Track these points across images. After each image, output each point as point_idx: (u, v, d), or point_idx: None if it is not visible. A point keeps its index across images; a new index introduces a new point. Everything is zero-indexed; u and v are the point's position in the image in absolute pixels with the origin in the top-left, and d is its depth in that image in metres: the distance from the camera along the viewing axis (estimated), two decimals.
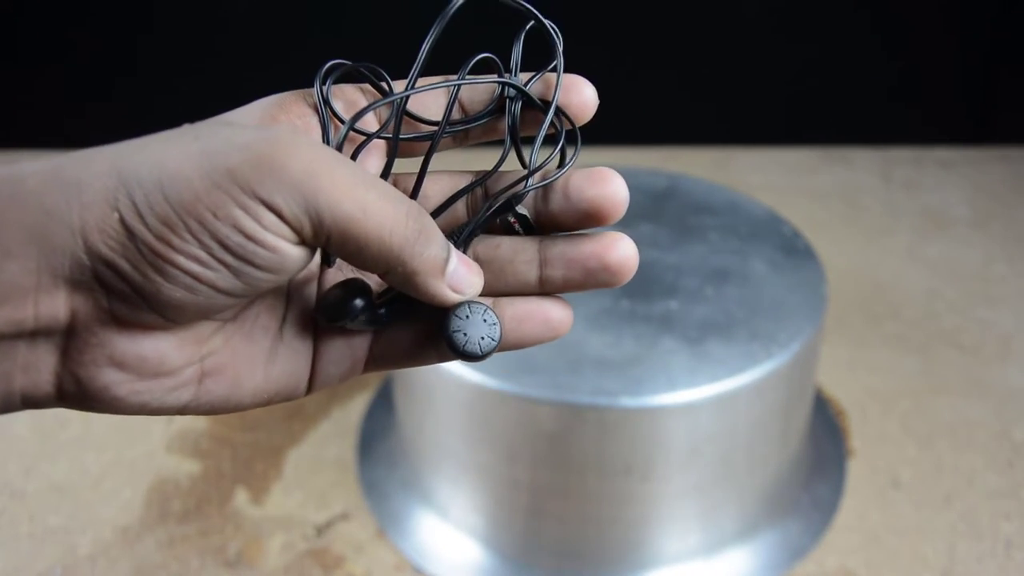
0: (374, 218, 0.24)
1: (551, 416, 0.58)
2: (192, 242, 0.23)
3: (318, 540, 0.70)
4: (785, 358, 0.60)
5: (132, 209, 0.23)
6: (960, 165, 1.22)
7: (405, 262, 0.25)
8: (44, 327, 0.24)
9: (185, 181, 0.23)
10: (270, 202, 0.23)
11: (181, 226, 0.23)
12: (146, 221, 0.23)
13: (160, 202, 0.23)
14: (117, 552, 0.69)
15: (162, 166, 0.24)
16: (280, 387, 0.28)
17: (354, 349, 0.29)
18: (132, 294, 0.24)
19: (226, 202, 0.23)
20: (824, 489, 0.73)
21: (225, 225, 0.23)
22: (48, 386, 0.25)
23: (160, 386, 0.26)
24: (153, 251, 0.23)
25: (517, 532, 0.65)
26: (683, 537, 0.64)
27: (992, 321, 0.93)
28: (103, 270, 0.24)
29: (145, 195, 0.23)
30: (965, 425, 0.80)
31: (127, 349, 0.25)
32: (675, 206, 0.76)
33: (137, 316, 0.25)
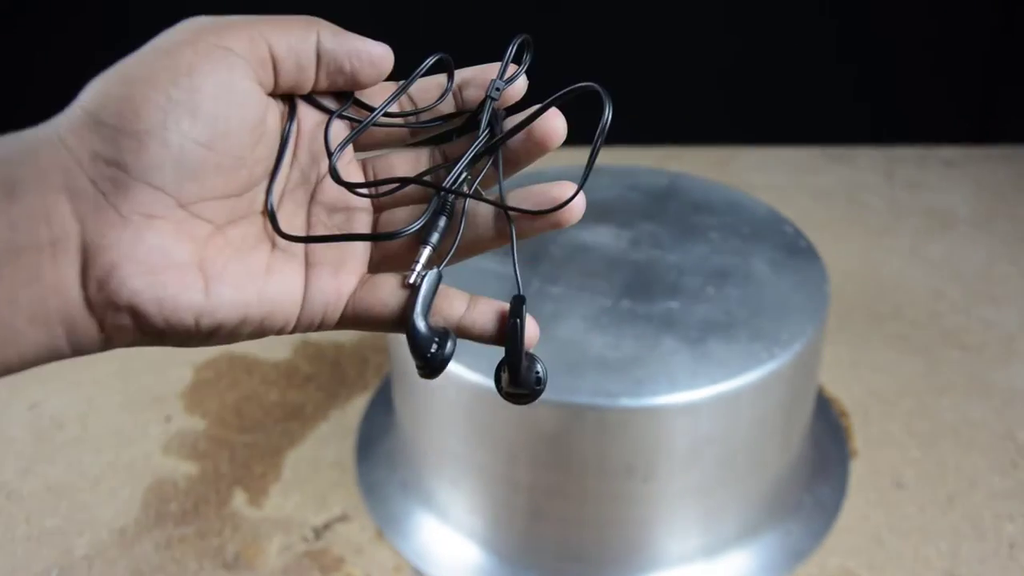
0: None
1: (551, 417, 0.58)
2: (153, 102, 0.28)
3: (317, 542, 0.69)
4: (787, 358, 0.59)
5: (89, 104, 0.28)
6: (964, 164, 1.22)
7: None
8: (59, 237, 0.27)
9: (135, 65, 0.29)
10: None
11: (137, 98, 0.28)
12: (104, 106, 0.28)
13: (112, 88, 0.28)
14: (114, 554, 0.68)
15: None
16: (274, 307, 0.31)
17: (339, 284, 0.32)
18: (120, 173, 0.28)
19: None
20: (826, 490, 0.72)
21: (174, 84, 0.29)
22: (77, 299, 0.28)
23: (170, 280, 0.29)
24: (118, 124, 0.28)
25: (517, 534, 0.65)
26: (684, 539, 0.64)
27: (995, 321, 0.92)
28: (88, 164, 0.28)
29: (96, 94, 0.28)
30: (968, 426, 0.79)
31: (134, 243, 0.28)
32: (676, 205, 0.75)
33: (133, 201, 0.28)
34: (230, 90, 0.29)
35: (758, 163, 1.23)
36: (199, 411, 0.82)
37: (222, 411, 0.82)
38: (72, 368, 0.86)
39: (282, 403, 0.82)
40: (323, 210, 0.33)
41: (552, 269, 0.67)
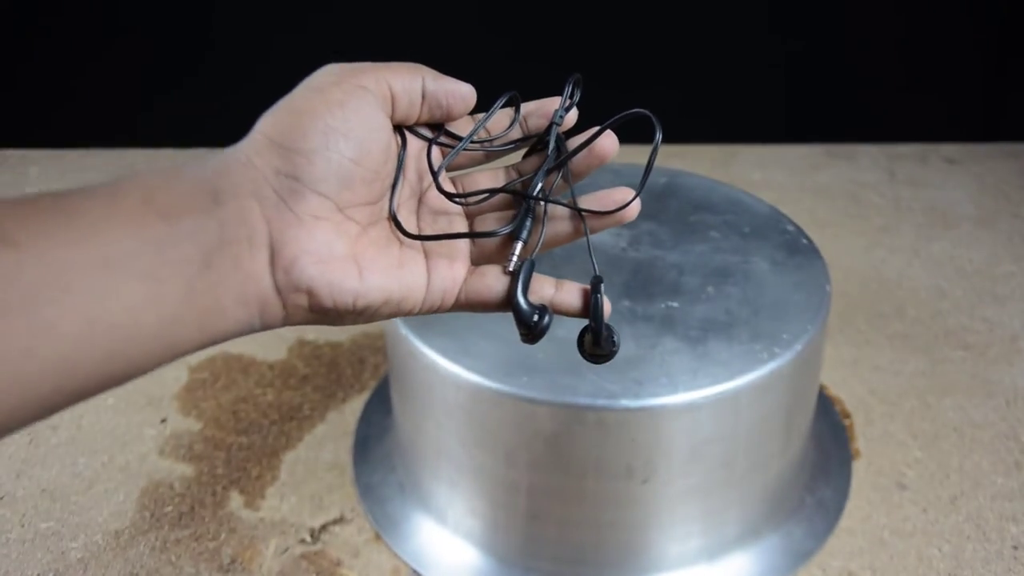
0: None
1: (550, 417, 0.57)
2: (314, 131, 0.36)
3: (314, 544, 0.69)
4: (788, 358, 0.59)
5: (267, 131, 0.36)
6: (966, 162, 1.21)
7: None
8: (253, 235, 0.35)
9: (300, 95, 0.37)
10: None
11: (304, 125, 0.36)
12: (280, 132, 0.36)
13: (284, 118, 0.37)
14: (109, 557, 0.68)
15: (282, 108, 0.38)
16: (408, 291, 0.39)
17: (454, 273, 0.41)
18: (295, 183, 0.36)
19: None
20: (828, 491, 0.71)
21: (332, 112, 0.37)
22: (268, 283, 0.35)
23: (334, 268, 0.37)
24: (292, 146, 0.36)
25: (515, 536, 0.64)
26: (684, 541, 0.63)
27: (998, 320, 0.91)
28: (271, 177, 0.36)
29: (271, 123, 0.37)
30: (971, 426, 0.78)
31: (308, 239, 0.36)
32: (676, 204, 0.75)
33: (306, 205, 0.36)
34: (370, 119, 0.38)
35: (759, 161, 1.22)
36: (194, 412, 0.81)
37: (218, 412, 0.81)
38: None
39: (278, 404, 0.82)
40: (428, 215, 0.41)
41: (552, 269, 0.66)
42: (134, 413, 0.81)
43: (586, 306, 0.41)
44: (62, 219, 0.32)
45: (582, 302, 0.41)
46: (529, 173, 0.42)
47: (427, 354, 0.60)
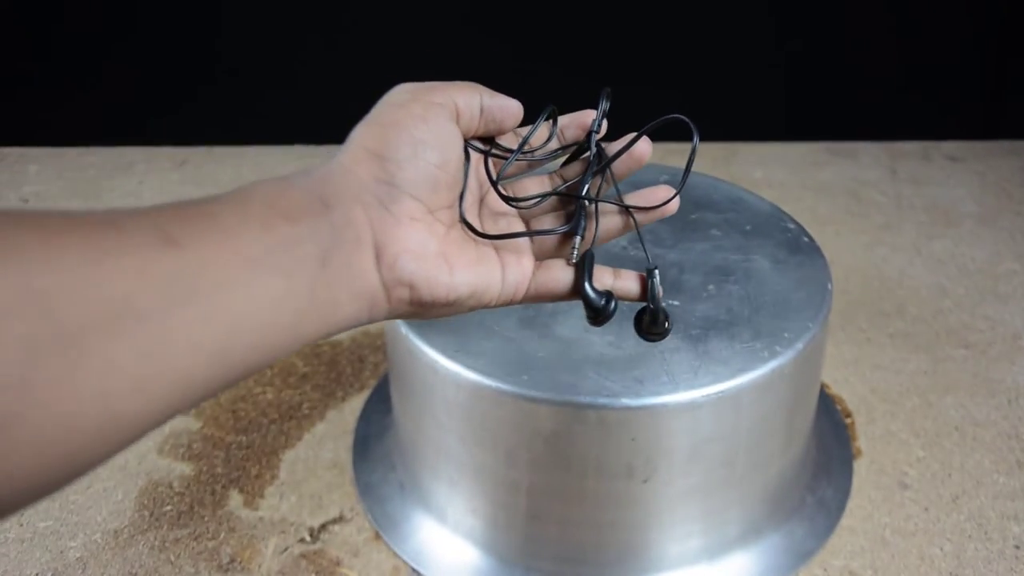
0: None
1: (551, 416, 0.57)
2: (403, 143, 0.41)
3: (313, 543, 0.68)
4: (789, 357, 0.59)
5: (363, 143, 0.41)
6: (968, 159, 1.21)
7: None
8: (359, 235, 0.39)
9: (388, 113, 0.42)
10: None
11: (396, 137, 0.41)
12: (376, 143, 0.41)
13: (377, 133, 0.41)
14: (108, 556, 0.67)
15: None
16: (488, 285, 0.43)
17: (523, 268, 0.45)
18: (392, 189, 0.40)
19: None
20: (829, 490, 0.71)
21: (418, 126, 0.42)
22: (375, 279, 0.40)
23: (430, 264, 0.41)
24: (387, 155, 0.41)
25: (516, 535, 0.64)
26: (685, 540, 0.63)
27: (1000, 319, 0.91)
28: (371, 184, 0.40)
29: (366, 136, 0.41)
30: (973, 425, 0.78)
31: (406, 238, 0.40)
32: None
33: (403, 208, 0.41)
34: (447, 131, 0.42)
35: (760, 159, 1.22)
36: (193, 411, 0.81)
37: (217, 411, 0.81)
38: None
39: (278, 403, 0.82)
40: (490, 218, 0.46)
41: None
42: None
43: (644, 290, 0.46)
44: (208, 222, 0.35)
45: (640, 287, 0.46)
46: (572, 178, 0.48)
47: (427, 353, 0.59)
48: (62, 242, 0.30)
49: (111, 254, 0.31)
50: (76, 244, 0.31)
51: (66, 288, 0.30)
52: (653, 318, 0.46)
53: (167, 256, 0.32)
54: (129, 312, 0.31)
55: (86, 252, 0.31)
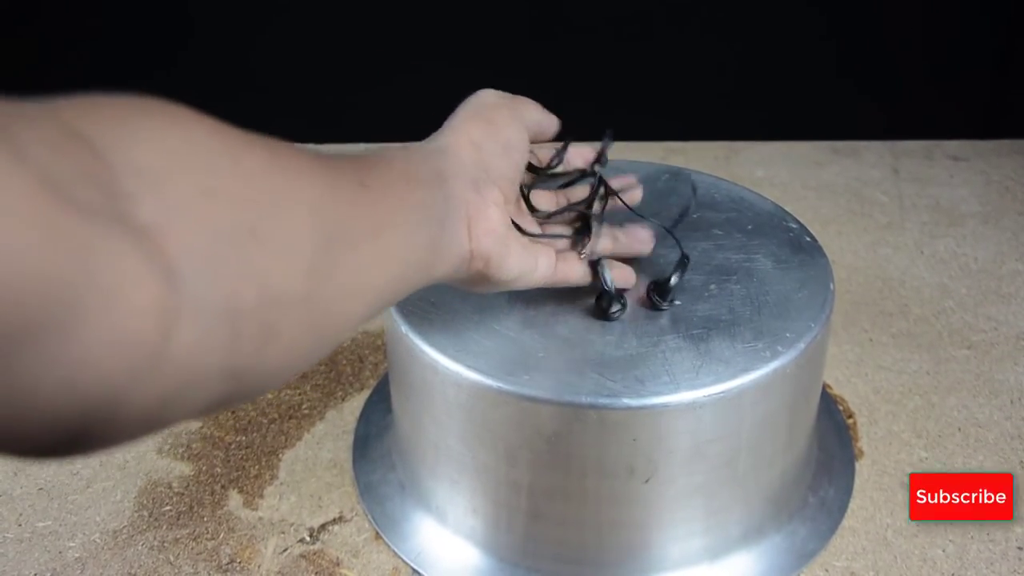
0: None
1: (551, 416, 0.57)
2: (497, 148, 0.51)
3: (313, 543, 0.68)
4: (791, 357, 0.58)
5: (469, 134, 0.50)
6: (972, 159, 1.20)
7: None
8: (458, 208, 0.48)
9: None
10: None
11: (495, 133, 0.51)
12: (479, 136, 0.51)
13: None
14: (107, 556, 0.67)
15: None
16: (529, 269, 0.53)
17: (550, 258, 0.55)
18: (485, 174, 0.50)
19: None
20: (831, 491, 0.71)
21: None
22: (466, 248, 0.48)
23: (501, 244, 0.50)
24: (487, 147, 0.50)
25: (516, 535, 0.64)
26: (686, 541, 0.63)
27: (1003, 319, 0.91)
28: (471, 167, 0.49)
29: (471, 128, 0.51)
30: (976, 426, 0.78)
31: (488, 218, 0.49)
32: (678, 201, 0.74)
33: (489, 193, 0.50)
34: (524, 138, 0.53)
35: (762, 158, 1.21)
36: None
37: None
38: None
39: (277, 403, 0.81)
40: (522, 217, 0.55)
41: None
42: None
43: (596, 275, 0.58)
44: (385, 171, 0.42)
45: (585, 273, 0.59)
46: (577, 198, 0.61)
47: (427, 352, 0.59)
48: (305, 162, 0.37)
49: (336, 185, 0.38)
50: (315, 168, 0.37)
51: (328, 207, 0.37)
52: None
53: (364, 196, 0.40)
54: (350, 233, 0.38)
55: (325, 179, 0.38)
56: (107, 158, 0.27)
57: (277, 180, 0.34)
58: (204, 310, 0.29)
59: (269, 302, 0.32)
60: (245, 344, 0.32)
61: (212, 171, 0.31)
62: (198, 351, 0.29)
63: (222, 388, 0.32)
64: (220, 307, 0.30)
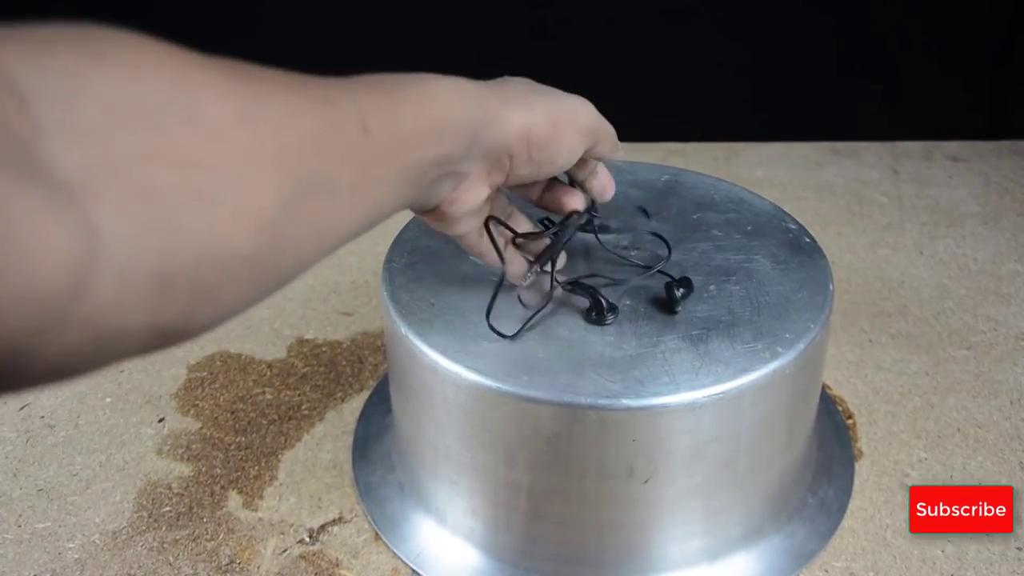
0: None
1: (551, 417, 0.57)
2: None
3: (313, 544, 0.68)
4: (790, 357, 0.58)
5: (528, 130, 0.50)
6: (971, 159, 1.20)
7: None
8: (464, 176, 0.50)
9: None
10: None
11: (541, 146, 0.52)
12: (526, 142, 0.51)
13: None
14: (106, 557, 0.67)
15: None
16: (476, 250, 0.58)
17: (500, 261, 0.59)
18: (506, 171, 0.52)
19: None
20: (831, 491, 0.71)
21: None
22: (438, 202, 0.50)
23: (472, 211, 0.53)
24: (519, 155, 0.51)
25: (516, 536, 0.64)
26: (686, 541, 0.63)
27: (1003, 319, 0.91)
28: (500, 159, 0.50)
29: (533, 128, 0.51)
30: (975, 426, 0.78)
31: (478, 194, 0.51)
32: (677, 202, 0.74)
33: (497, 179, 0.52)
34: (569, 164, 0.56)
35: (762, 159, 1.22)
36: (193, 412, 0.81)
37: (216, 412, 0.80)
38: None
39: (277, 403, 0.81)
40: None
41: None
42: (132, 412, 0.81)
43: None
44: (393, 122, 0.40)
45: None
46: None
47: (427, 353, 0.59)
48: (299, 105, 0.35)
49: (332, 129, 0.36)
50: (310, 111, 0.35)
51: (308, 156, 0.34)
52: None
53: (362, 145, 0.38)
54: (332, 183, 0.36)
55: (317, 120, 0.36)
56: (34, 111, 0.26)
57: (243, 137, 0.31)
58: (128, 272, 0.28)
59: (209, 263, 0.31)
60: (174, 304, 0.30)
61: (158, 129, 0.29)
62: (117, 310, 0.28)
63: (148, 341, 0.31)
64: (148, 269, 0.29)
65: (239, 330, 0.90)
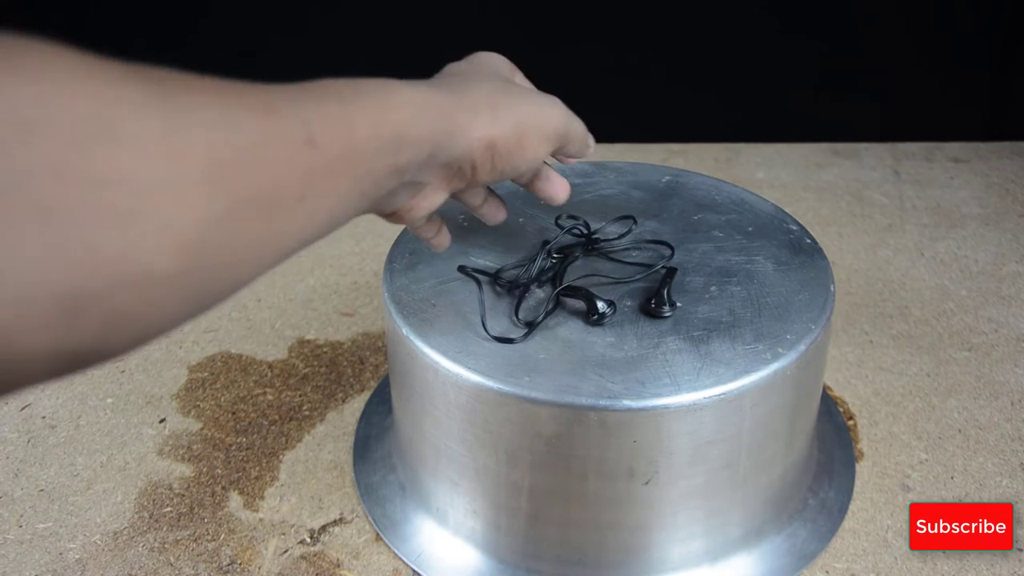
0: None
1: (552, 418, 0.57)
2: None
3: (314, 545, 0.68)
4: (791, 358, 0.58)
5: (490, 140, 0.48)
6: (972, 160, 1.20)
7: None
8: (424, 186, 0.49)
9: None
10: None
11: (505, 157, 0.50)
12: (491, 153, 0.49)
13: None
14: (107, 558, 0.67)
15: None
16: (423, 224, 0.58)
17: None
18: (467, 181, 0.50)
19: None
20: (831, 492, 0.71)
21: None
22: (393, 209, 0.49)
23: (427, 214, 0.51)
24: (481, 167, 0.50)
25: (517, 537, 0.64)
26: (687, 542, 0.63)
27: (1004, 321, 0.91)
28: (461, 171, 0.50)
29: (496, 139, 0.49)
30: (976, 428, 0.78)
31: (435, 201, 0.51)
32: (679, 203, 0.74)
33: (457, 184, 0.50)
34: (538, 165, 0.56)
35: (763, 160, 1.22)
36: (194, 412, 0.81)
37: (217, 412, 0.81)
38: None
39: (278, 404, 0.81)
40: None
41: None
42: (133, 413, 0.81)
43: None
44: (344, 130, 0.38)
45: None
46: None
47: (428, 354, 0.59)
48: (235, 116, 0.33)
49: (272, 140, 0.34)
50: (247, 122, 0.33)
51: (243, 162, 0.33)
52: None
53: (306, 157, 0.36)
54: (273, 197, 0.34)
55: (256, 131, 0.34)
56: None
57: (167, 151, 0.29)
58: (25, 294, 0.27)
59: (125, 286, 0.29)
60: (87, 328, 0.29)
61: (70, 144, 0.27)
62: (17, 334, 0.27)
63: (60, 365, 0.29)
64: (51, 292, 0.27)
65: (240, 331, 0.91)
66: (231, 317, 0.93)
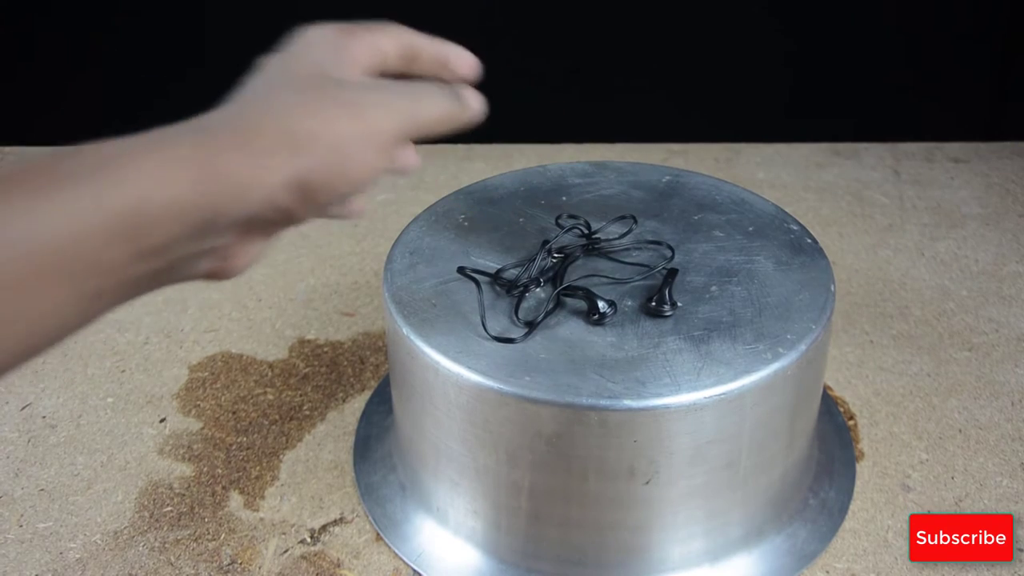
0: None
1: (552, 418, 0.57)
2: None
3: (314, 545, 0.68)
4: (792, 358, 0.58)
5: (304, 188, 0.39)
6: (972, 160, 1.20)
7: None
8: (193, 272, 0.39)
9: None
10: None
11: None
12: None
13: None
14: (108, 557, 0.67)
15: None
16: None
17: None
18: (282, 225, 0.40)
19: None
20: (832, 492, 0.71)
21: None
22: (206, 271, 0.39)
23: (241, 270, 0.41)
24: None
25: (517, 537, 0.64)
26: (687, 542, 0.63)
27: (1004, 321, 0.91)
28: (262, 227, 0.40)
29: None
30: (976, 427, 0.78)
31: (244, 261, 0.40)
32: (679, 203, 0.74)
33: (266, 240, 0.41)
34: (378, 174, 0.45)
35: (763, 160, 1.22)
36: (194, 412, 0.81)
37: (217, 412, 0.81)
38: (65, 368, 0.85)
39: (278, 404, 0.81)
40: None
41: None
42: (133, 413, 0.81)
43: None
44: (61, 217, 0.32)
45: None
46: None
47: (428, 354, 0.59)
48: None
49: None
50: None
51: None
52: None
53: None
54: None
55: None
56: None
57: None
58: None
59: None
60: None
61: None
62: None
63: None
64: None
65: (241, 330, 0.91)
66: (231, 317, 0.93)
